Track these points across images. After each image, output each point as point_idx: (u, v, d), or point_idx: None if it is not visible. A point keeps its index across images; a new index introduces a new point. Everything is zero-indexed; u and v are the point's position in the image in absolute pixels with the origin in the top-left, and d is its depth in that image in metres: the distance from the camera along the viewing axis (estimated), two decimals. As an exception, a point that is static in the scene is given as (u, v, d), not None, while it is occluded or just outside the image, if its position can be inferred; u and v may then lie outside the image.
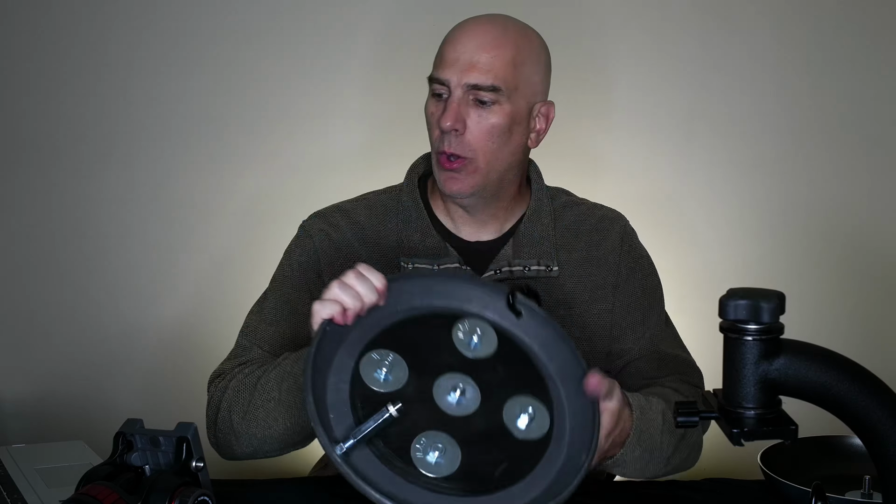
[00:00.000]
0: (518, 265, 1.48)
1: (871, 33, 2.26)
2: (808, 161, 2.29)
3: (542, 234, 1.50)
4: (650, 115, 2.29)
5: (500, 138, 1.42)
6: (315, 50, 2.27)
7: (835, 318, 2.27)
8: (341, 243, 1.49)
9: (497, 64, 1.41)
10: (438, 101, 1.43)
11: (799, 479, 1.34)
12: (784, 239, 2.30)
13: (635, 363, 1.51)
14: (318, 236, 1.50)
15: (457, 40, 1.43)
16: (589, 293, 1.51)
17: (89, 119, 2.29)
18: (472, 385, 1.16)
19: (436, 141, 1.43)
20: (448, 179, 1.43)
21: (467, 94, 1.40)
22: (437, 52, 1.45)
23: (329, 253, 1.49)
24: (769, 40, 2.27)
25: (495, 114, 1.41)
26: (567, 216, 1.54)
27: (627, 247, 1.55)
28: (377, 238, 1.50)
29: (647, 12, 2.27)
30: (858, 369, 0.95)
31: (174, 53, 2.26)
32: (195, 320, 2.30)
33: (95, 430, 2.30)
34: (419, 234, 1.48)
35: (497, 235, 1.51)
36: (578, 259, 1.51)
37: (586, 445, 1.14)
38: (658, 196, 2.29)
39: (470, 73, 1.40)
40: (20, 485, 1.34)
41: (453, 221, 1.51)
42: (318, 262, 1.49)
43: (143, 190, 2.30)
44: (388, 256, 1.48)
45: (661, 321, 1.55)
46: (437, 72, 1.43)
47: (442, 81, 1.42)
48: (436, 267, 1.46)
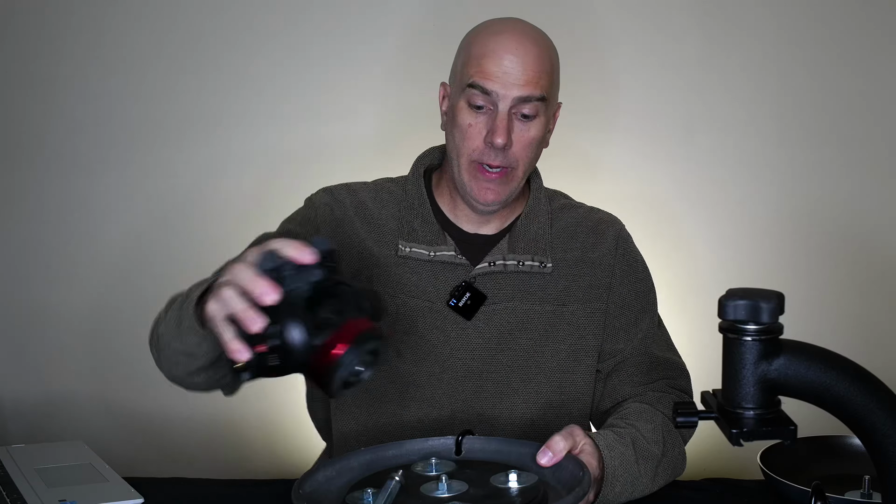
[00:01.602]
0: (512, 259, 1.50)
1: (871, 34, 2.26)
2: (808, 161, 2.29)
3: (538, 232, 1.53)
4: (648, 116, 2.29)
5: (537, 148, 1.48)
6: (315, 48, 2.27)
7: (835, 318, 2.28)
8: (343, 220, 1.52)
9: (543, 78, 1.44)
10: (477, 112, 1.44)
11: (799, 479, 1.34)
12: (784, 239, 2.30)
13: (626, 365, 1.54)
14: (322, 209, 1.53)
15: (500, 54, 1.42)
16: (583, 292, 1.53)
17: (89, 119, 2.28)
18: (455, 480, 1.21)
19: (474, 152, 1.45)
20: (483, 190, 1.46)
21: (512, 108, 1.42)
22: (473, 59, 1.44)
23: (330, 226, 1.51)
24: (767, 42, 2.27)
25: (535, 126, 1.45)
26: (564, 218, 1.57)
27: (623, 251, 1.57)
28: (378, 220, 1.53)
29: (644, 14, 2.26)
30: (858, 369, 0.95)
31: (166, 54, 2.27)
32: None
33: (95, 430, 2.31)
34: (420, 220, 1.51)
35: (496, 231, 1.54)
36: (573, 259, 1.54)
37: (578, 476, 1.20)
38: (657, 196, 2.29)
39: (521, 88, 1.42)
40: (20, 485, 1.35)
41: (455, 214, 1.54)
42: (318, 232, 1.50)
43: (143, 191, 2.30)
44: (388, 238, 1.51)
45: (653, 324, 1.58)
46: (481, 81, 1.42)
47: (487, 92, 1.42)
48: (432, 254, 1.49)
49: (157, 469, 1.70)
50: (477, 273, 1.49)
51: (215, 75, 2.27)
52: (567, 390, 1.52)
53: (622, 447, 1.35)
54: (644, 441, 1.38)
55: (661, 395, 1.51)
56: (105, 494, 1.32)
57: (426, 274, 1.49)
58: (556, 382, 1.51)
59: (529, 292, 1.51)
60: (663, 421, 1.44)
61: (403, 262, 1.50)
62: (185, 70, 2.27)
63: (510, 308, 1.50)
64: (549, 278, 1.52)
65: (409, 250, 1.49)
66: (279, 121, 2.28)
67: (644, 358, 1.54)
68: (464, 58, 1.47)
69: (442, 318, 1.48)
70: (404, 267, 1.49)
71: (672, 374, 1.55)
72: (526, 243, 1.52)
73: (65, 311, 2.33)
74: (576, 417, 1.53)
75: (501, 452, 1.29)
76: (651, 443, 1.39)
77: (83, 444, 1.55)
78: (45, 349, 2.34)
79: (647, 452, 1.37)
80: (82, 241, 2.32)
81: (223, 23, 2.26)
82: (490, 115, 1.43)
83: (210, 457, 2.32)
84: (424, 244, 1.50)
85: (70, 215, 2.31)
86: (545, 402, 1.51)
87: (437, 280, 1.49)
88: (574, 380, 1.52)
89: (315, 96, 2.28)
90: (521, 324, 1.50)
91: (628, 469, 1.34)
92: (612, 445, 1.34)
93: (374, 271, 1.50)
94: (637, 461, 1.35)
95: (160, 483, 1.41)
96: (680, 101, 2.29)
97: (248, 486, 1.45)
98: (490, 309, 1.49)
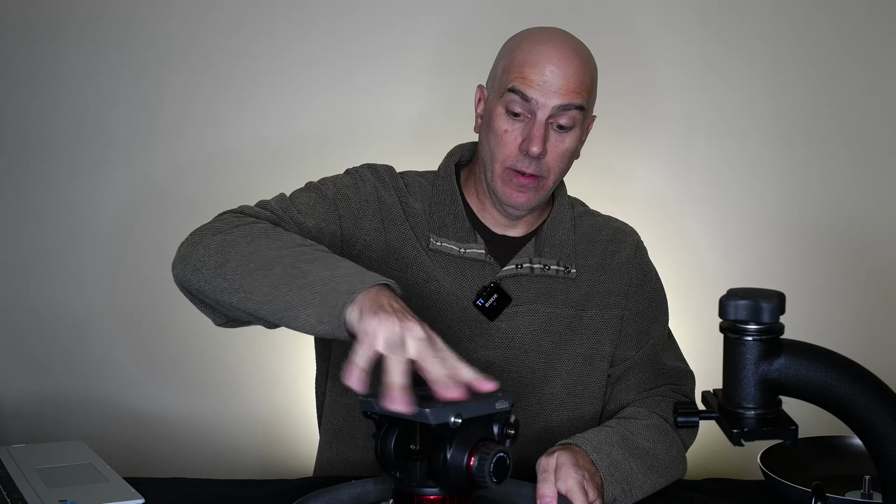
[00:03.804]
0: (538, 263, 1.52)
1: (873, 34, 2.26)
2: (810, 161, 2.29)
3: (563, 238, 1.55)
4: (649, 116, 2.28)
5: (570, 159, 1.50)
6: (300, 52, 2.27)
7: (835, 318, 2.28)
8: (387, 198, 1.50)
9: (583, 89, 1.45)
10: (514, 119, 1.44)
11: (799, 479, 1.34)
12: (785, 238, 2.30)
13: (633, 371, 1.56)
14: (369, 185, 1.50)
15: (543, 63, 1.42)
16: (602, 298, 1.55)
17: (89, 119, 2.28)
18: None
19: (508, 158, 1.45)
20: (516, 193, 1.46)
21: (549, 118, 1.43)
22: (515, 65, 1.44)
23: (374, 204, 1.49)
24: (768, 42, 2.27)
25: (570, 138, 1.46)
26: (584, 224, 1.59)
27: (640, 260, 1.60)
28: (413, 208, 1.52)
29: (644, 13, 2.26)
30: (858, 369, 0.95)
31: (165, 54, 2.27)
32: (195, 320, 2.30)
33: (95, 430, 2.31)
34: (451, 216, 1.52)
35: (522, 234, 1.56)
36: (594, 265, 1.56)
37: None
38: (657, 196, 2.29)
39: (561, 97, 1.42)
40: (20, 485, 1.34)
41: (483, 215, 1.55)
42: (366, 204, 1.48)
43: (143, 190, 2.30)
44: (420, 229, 1.51)
45: (663, 334, 1.60)
46: (522, 87, 1.43)
47: (527, 99, 1.42)
48: (462, 250, 1.50)
49: (157, 469, 1.70)
50: (504, 274, 1.50)
51: (211, 73, 2.27)
52: (581, 393, 1.53)
53: (609, 447, 1.34)
54: (634, 437, 1.39)
55: (660, 399, 1.53)
56: (105, 494, 1.32)
57: (454, 270, 1.49)
58: (571, 386, 1.53)
59: (552, 296, 1.52)
60: (659, 422, 1.45)
61: (434, 255, 1.50)
62: (182, 69, 2.27)
63: (533, 311, 1.51)
64: (572, 283, 1.53)
65: (441, 244, 1.50)
66: (279, 121, 2.28)
67: (651, 366, 1.56)
68: (505, 63, 1.47)
69: (466, 315, 1.49)
70: (435, 260, 1.49)
71: (677, 380, 1.57)
72: (551, 248, 1.53)
73: (65, 311, 2.33)
74: (587, 420, 1.54)
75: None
76: (643, 439, 1.40)
77: (83, 444, 1.55)
78: (45, 349, 2.34)
79: (637, 450, 1.37)
80: (82, 240, 2.31)
81: (223, 23, 2.27)
82: (527, 124, 1.43)
83: (210, 457, 2.32)
84: (455, 240, 1.50)
85: (69, 215, 2.31)
86: (559, 405, 1.52)
87: (465, 278, 1.49)
88: (588, 383, 1.54)
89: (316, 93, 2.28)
90: (543, 327, 1.51)
91: (620, 467, 1.33)
92: (598, 447, 1.33)
93: (409, 257, 1.49)
94: (627, 459, 1.35)
95: (160, 483, 1.41)
96: (680, 101, 2.29)
97: (247, 486, 1.45)
98: (513, 311, 1.50)
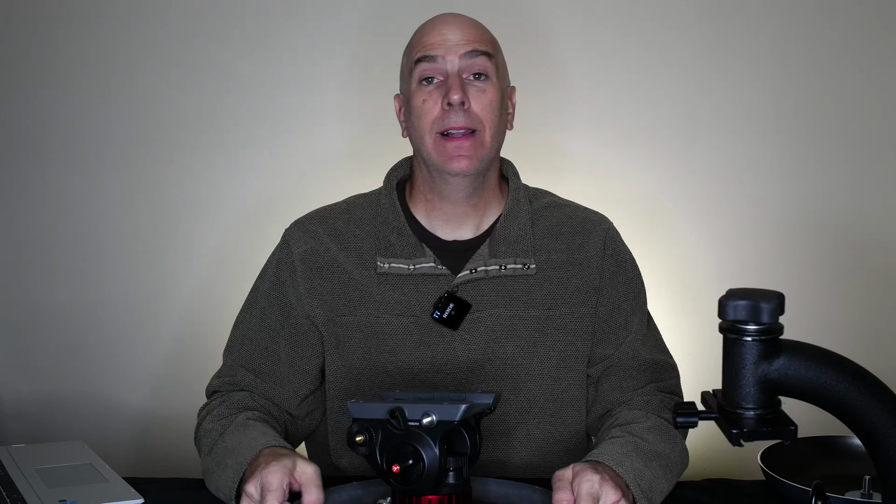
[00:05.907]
0: (493, 264, 1.48)
1: (873, 33, 2.26)
2: (809, 160, 2.29)
3: (519, 233, 1.50)
4: (646, 114, 2.28)
5: (498, 112, 1.46)
6: (300, 52, 2.27)
7: (835, 318, 2.27)
8: (319, 250, 1.51)
9: (486, 36, 1.48)
10: (428, 85, 1.45)
11: (799, 479, 1.34)
12: (784, 238, 2.30)
13: (615, 370, 1.51)
14: (297, 245, 1.52)
15: (438, 27, 1.46)
16: (571, 295, 1.50)
17: (89, 119, 2.28)
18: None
19: (435, 122, 1.44)
20: (455, 158, 1.43)
21: (461, 71, 1.43)
22: (415, 44, 1.48)
23: (309, 260, 1.51)
24: (766, 40, 2.27)
25: (489, 88, 1.45)
26: (548, 217, 1.54)
27: (611, 251, 1.54)
28: (355, 243, 1.51)
29: (643, 13, 2.26)
30: (858, 369, 0.95)
31: (164, 54, 2.27)
32: (195, 321, 2.30)
33: (95, 430, 2.31)
34: (395, 234, 1.49)
35: (474, 235, 1.51)
36: (559, 261, 1.51)
37: None
38: (656, 195, 2.29)
39: (464, 46, 1.44)
40: (20, 485, 1.34)
41: (430, 221, 1.52)
42: (295, 273, 1.51)
43: (142, 190, 2.30)
44: (366, 258, 1.50)
45: (643, 325, 1.55)
46: (426, 52, 1.45)
47: (434, 58, 1.43)
48: (412, 268, 1.47)
49: (157, 469, 1.70)
50: (459, 282, 1.47)
51: (213, 75, 2.27)
52: (559, 398, 1.50)
53: (631, 461, 1.29)
54: (645, 443, 1.35)
55: (648, 398, 1.47)
56: (105, 494, 1.32)
57: (408, 289, 1.47)
58: (547, 391, 1.49)
59: (514, 297, 1.48)
60: (658, 422, 1.41)
61: (384, 279, 1.48)
62: (181, 69, 2.27)
63: (495, 315, 1.47)
64: (535, 282, 1.49)
65: (388, 266, 1.47)
66: (278, 122, 2.28)
67: (633, 362, 1.51)
68: (407, 52, 1.50)
69: (428, 331, 1.46)
70: (385, 285, 1.48)
71: (661, 375, 1.52)
72: (507, 246, 1.49)
73: (65, 311, 2.33)
74: (570, 426, 1.51)
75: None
76: (653, 444, 1.36)
77: (83, 444, 1.55)
78: (45, 349, 2.34)
79: (651, 454, 1.33)
80: (82, 240, 2.31)
81: (222, 22, 2.26)
82: (442, 84, 1.44)
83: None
84: (403, 258, 1.47)
85: (70, 215, 2.31)
86: (538, 411, 1.49)
87: (420, 294, 1.47)
88: (566, 387, 1.50)
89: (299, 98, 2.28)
90: (507, 331, 1.47)
91: (642, 475, 1.28)
92: (619, 461, 1.28)
93: (356, 294, 1.49)
94: (647, 466, 1.30)
95: (160, 483, 1.41)
96: (679, 99, 2.28)
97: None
98: (475, 317, 1.47)
